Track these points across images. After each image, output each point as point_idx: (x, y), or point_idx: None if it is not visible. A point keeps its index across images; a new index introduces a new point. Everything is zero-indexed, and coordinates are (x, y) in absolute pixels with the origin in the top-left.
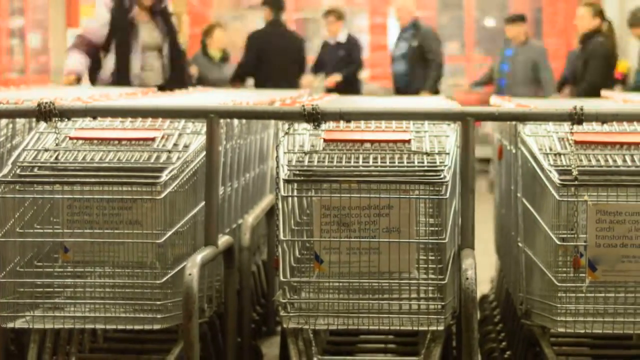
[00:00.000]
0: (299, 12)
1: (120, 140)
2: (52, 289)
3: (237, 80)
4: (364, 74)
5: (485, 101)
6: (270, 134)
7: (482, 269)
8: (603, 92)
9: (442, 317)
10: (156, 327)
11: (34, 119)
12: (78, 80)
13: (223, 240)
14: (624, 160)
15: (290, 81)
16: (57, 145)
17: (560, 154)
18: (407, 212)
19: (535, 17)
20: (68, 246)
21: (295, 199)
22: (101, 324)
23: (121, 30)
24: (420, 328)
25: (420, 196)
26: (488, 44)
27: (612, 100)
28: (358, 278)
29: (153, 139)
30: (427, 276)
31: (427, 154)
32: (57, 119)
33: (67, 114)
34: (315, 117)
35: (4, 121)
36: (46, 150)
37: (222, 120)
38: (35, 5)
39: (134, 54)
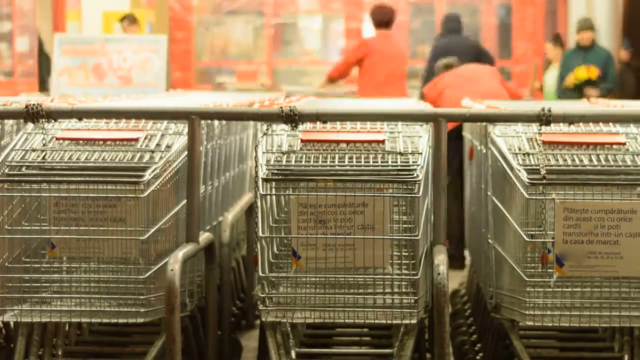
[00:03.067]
0: (276, 17)
1: (105, 140)
2: (39, 284)
3: None
4: None
5: None
6: (249, 135)
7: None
8: None
9: (415, 311)
10: (139, 320)
11: (22, 120)
12: None
13: (204, 237)
14: (590, 160)
15: None
16: (44, 145)
17: (529, 154)
18: (381, 210)
19: (504, 21)
20: (55, 242)
21: (274, 197)
22: (87, 318)
23: None
24: (394, 321)
25: (394, 194)
26: None
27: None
28: (334, 273)
29: (136, 140)
30: (401, 271)
31: (401, 153)
32: (44, 120)
33: (54, 115)
34: (292, 118)
35: None
36: (34, 150)
37: (203, 121)
38: (22, 11)
39: None
